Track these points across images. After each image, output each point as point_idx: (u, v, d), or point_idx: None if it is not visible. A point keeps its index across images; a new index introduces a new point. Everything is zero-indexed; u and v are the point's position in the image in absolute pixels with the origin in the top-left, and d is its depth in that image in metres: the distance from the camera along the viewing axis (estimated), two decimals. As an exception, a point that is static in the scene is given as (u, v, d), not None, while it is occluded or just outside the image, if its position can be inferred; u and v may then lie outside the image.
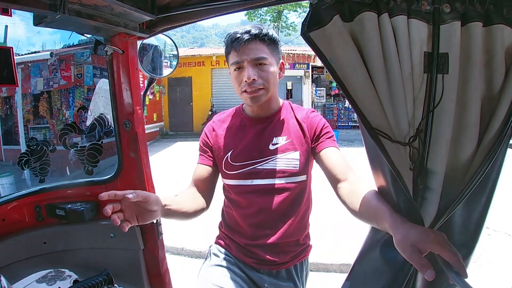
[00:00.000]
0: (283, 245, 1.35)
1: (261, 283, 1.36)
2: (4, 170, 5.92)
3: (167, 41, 1.50)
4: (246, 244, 1.37)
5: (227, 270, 1.36)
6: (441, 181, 0.89)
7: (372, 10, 0.82)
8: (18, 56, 7.71)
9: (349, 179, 1.15)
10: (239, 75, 1.28)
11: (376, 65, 0.84)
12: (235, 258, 1.40)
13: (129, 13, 1.02)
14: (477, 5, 0.83)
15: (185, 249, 4.10)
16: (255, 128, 1.36)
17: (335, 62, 0.84)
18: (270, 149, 1.33)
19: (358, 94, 0.84)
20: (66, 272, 1.25)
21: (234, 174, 1.35)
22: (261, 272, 1.37)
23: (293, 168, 1.32)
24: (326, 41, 0.83)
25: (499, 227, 4.16)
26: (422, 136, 0.88)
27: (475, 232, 0.95)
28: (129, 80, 1.24)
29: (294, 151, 1.32)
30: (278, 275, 1.37)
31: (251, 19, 21.13)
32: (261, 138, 1.35)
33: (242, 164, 1.34)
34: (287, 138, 1.33)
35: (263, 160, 1.32)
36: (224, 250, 1.44)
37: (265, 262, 1.35)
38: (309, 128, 1.34)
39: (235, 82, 1.30)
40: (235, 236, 1.40)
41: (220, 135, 1.40)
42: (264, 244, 1.33)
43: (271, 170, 1.32)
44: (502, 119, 0.84)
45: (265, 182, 1.32)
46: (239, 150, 1.35)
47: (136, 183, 1.32)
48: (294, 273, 1.40)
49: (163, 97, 15.16)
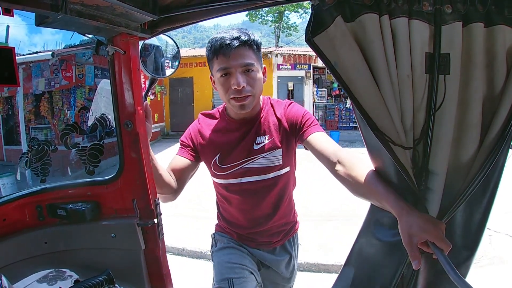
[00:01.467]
0: (276, 227, 1.50)
1: (263, 259, 1.54)
2: (5, 170, 5.94)
3: (169, 42, 1.50)
4: (246, 233, 1.52)
5: (236, 250, 1.51)
6: (443, 182, 0.89)
7: (373, 12, 0.82)
8: (20, 56, 7.73)
9: (342, 159, 1.15)
10: (226, 81, 1.29)
11: (379, 67, 0.84)
12: (238, 242, 1.54)
13: (130, 13, 1.02)
14: (479, 6, 0.83)
15: (186, 250, 4.10)
16: (239, 131, 1.41)
17: (339, 66, 0.84)
18: (254, 149, 1.39)
19: (362, 96, 0.85)
20: (67, 272, 1.25)
21: (223, 174, 1.44)
22: (261, 250, 1.53)
23: (277, 164, 1.40)
24: (329, 44, 0.84)
25: (500, 228, 4.15)
26: (424, 137, 0.89)
27: (477, 233, 0.95)
28: (130, 81, 1.24)
29: (277, 148, 1.39)
30: (274, 251, 1.55)
31: (253, 20, 21.12)
32: (246, 139, 1.40)
33: (230, 166, 1.41)
34: (269, 137, 1.40)
35: (249, 160, 1.40)
36: (227, 236, 1.56)
37: (263, 243, 1.52)
38: (289, 123, 1.40)
39: (221, 89, 1.31)
40: (234, 227, 1.54)
41: (207, 139, 1.45)
42: (260, 230, 1.49)
43: (258, 168, 1.40)
44: (503, 120, 0.84)
45: (254, 179, 1.41)
46: (226, 153, 1.41)
47: (137, 183, 1.32)
48: (288, 247, 1.57)
49: (164, 97, 15.16)
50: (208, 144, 1.44)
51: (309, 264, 3.55)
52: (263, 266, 1.55)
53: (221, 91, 1.32)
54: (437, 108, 0.86)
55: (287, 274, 1.60)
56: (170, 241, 3.91)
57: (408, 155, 0.88)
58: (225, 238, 1.56)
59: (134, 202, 1.32)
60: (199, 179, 2.27)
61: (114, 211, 1.36)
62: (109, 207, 1.36)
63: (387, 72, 0.84)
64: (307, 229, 4.08)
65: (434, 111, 0.87)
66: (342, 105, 14.66)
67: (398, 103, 0.86)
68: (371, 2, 0.82)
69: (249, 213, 1.47)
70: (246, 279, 1.39)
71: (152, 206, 1.33)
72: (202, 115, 1.53)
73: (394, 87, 0.85)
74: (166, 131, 15.28)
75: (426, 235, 0.79)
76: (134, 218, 1.32)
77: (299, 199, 1.65)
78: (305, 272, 3.35)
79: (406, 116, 0.87)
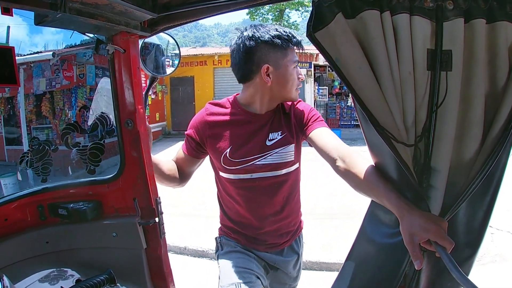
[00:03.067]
0: (284, 226, 1.49)
1: (272, 261, 1.51)
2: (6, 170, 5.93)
3: (169, 40, 1.50)
4: (255, 234, 1.47)
5: (243, 254, 1.48)
6: (445, 179, 0.89)
7: (374, 8, 0.82)
8: (20, 56, 7.73)
9: (343, 156, 1.16)
10: (295, 72, 1.36)
11: (380, 64, 0.84)
12: (245, 246, 1.50)
13: (130, 11, 1.02)
14: (480, 2, 0.82)
15: (188, 248, 4.10)
16: (255, 125, 1.39)
17: (340, 62, 0.84)
18: (267, 145, 1.38)
19: (364, 92, 0.84)
20: (68, 271, 1.25)
21: (233, 169, 1.39)
22: (270, 253, 1.50)
23: (290, 160, 1.41)
24: (330, 40, 0.83)
25: (502, 226, 4.14)
26: (426, 134, 0.88)
27: (480, 231, 0.95)
28: (130, 79, 1.23)
29: (290, 144, 1.40)
30: (282, 252, 1.53)
31: (253, 18, 21.06)
32: (259, 134, 1.39)
33: (241, 160, 1.38)
34: (281, 133, 1.40)
35: (261, 156, 1.38)
36: (234, 241, 1.52)
37: (271, 245, 1.49)
38: (297, 119, 1.43)
39: (291, 78, 1.35)
40: (241, 228, 1.49)
41: (217, 131, 1.41)
42: (270, 230, 1.46)
43: (270, 164, 1.38)
44: (506, 117, 0.83)
45: (265, 175, 1.39)
46: (239, 146, 1.38)
47: (138, 182, 1.32)
48: (295, 247, 1.57)
49: (165, 96, 15.17)
50: (218, 135, 1.40)
51: (311, 262, 3.54)
52: (271, 268, 1.53)
53: (289, 81, 1.35)
54: (439, 105, 0.86)
55: (294, 273, 1.59)
56: (171, 240, 3.92)
57: (410, 153, 0.88)
58: (231, 242, 1.52)
59: (135, 201, 1.32)
60: (202, 176, 2.27)
61: (115, 210, 1.36)
62: (110, 206, 1.36)
63: (389, 69, 0.83)
64: (311, 227, 4.08)
65: (436, 108, 0.86)
66: (343, 103, 14.65)
67: (400, 100, 0.85)
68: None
69: (258, 211, 1.44)
70: (253, 284, 1.37)
71: (153, 205, 1.33)
72: (210, 105, 1.47)
73: (396, 84, 0.84)
74: (167, 130, 15.29)
75: (427, 235, 0.78)
76: (135, 217, 1.32)
77: (304, 196, 1.64)
78: (307, 271, 3.35)
79: (408, 113, 0.86)
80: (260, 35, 1.29)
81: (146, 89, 1.43)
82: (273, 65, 1.31)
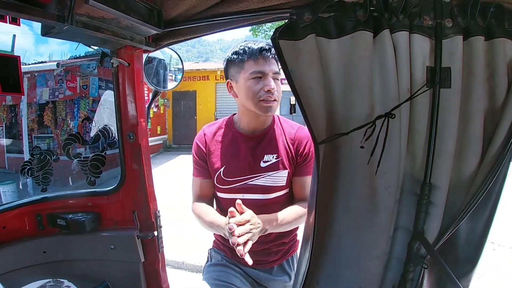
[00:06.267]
0: (274, 246, 1.47)
1: (258, 279, 1.51)
2: (6, 177, 5.94)
3: (173, 55, 1.52)
4: None
5: (227, 268, 1.50)
6: (445, 196, 0.88)
7: (366, 29, 0.83)
8: (25, 65, 7.82)
9: (298, 202, 1.40)
10: (257, 84, 1.30)
11: (364, 84, 0.84)
12: (232, 260, 1.52)
13: (135, 26, 1.03)
14: (479, 20, 0.84)
15: (185, 263, 4.05)
16: (247, 144, 1.40)
17: (295, 75, 0.84)
18: (261, 166, 1.38)
19: (312, 110, 0.86)
20: (65, 282, 1.24)
21: (226, 188, 1.41)
22: (257, 269, 1.50)
23: (281, 185, 1.40)
24: (293, 53, 0.84)
25: (504, 242, 4.09)
26: (426, 150, 0.88)
27: (479, 246, 0.94)
28: (134, 93, 1.25)
29: (284, 169, 1.39)
30: (271, 271, 1.52)
31: (256, 35, 21.30)
32: (253, 154, 1.39)
33: (234, 180, 1.39)
34: (277, 156, 1.39)
35: (254, 177, 1.38)
36: (222, 253, 1.55)
37: (259, 262, 1.45)
38: (296, 150, 1.41)
39: (250, 91, 1.30)
40: (229, 244, 1.42)
41: (212, 149, 1.43)
42: (257, 250, 1.39)
43: (262, 186, 1.39)
44: (505, 132, 0.84)
45: (256, 197, 1.39)
46: (232, 166, 1.39)
47: (138, 195, 1.31)
48: (286, 267, 1.54)
49: (167, 110, 15.23)
50: (213, 155, 1.42)
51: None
52: (259, 285, 1.53)
53: (248, 93, 1.31)
54: (438, 121, 0.86)
55: None
56: (170, 255, 3.87)
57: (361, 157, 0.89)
58: (219, 255, 1.55)
59: (135, 214, 1.31)
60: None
61: (114, 223, 1.35)
62: (109, 219, 1.35)
63: (371, 89, 0.84)
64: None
65: (435, 125, 0.87)
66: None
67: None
68: (364, 18, 0.82)
69: None
70: None
71: (152, 219, 1.33)
72: (206, 126, 1.50)
73: (388, 103, 0.84)
74: (168, 143, 15.30)
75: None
76: (134, 230, 1.31)
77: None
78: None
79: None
80: (226, 55, 1.37)
81: (148, 103, 1.45)
82: (233, 79, 1.36)
